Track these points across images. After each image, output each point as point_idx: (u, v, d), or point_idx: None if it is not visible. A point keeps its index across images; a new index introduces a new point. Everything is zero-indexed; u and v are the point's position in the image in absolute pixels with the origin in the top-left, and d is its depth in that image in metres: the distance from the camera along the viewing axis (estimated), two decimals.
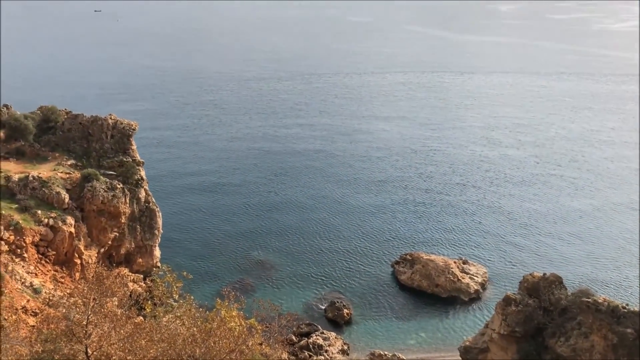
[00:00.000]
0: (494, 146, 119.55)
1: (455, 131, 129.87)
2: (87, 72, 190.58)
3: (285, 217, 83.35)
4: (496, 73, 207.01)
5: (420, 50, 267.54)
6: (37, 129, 57.34)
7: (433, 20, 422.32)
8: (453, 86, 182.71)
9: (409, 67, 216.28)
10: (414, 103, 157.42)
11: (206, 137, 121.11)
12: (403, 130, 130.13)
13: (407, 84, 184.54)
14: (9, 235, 43.05)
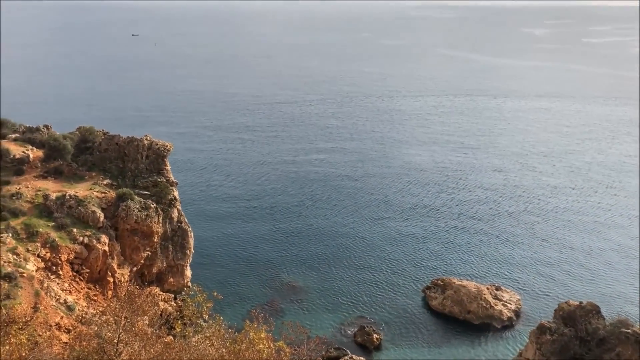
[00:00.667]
0: (528, 171, 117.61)
1: (488, 156, 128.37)
2: (125, 94, 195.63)
3: (314, 240, 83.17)
4: (530, 97, 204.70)
5: (453, 73, 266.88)
6: (75, 148, 58.83)
7: (467, 44, 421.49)
8: (486, 110, 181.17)
9: (441, 91, 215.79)
10: (447, 127, 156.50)
11: (238, 160, 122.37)
12: (435, 154, 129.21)
13: (440, 107, 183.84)
14: (45, 253, 43.99)
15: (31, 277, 39.29)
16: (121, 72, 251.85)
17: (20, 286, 37.22)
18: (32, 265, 41.40)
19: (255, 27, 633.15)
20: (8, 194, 49.46)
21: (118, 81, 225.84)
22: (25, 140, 60.60)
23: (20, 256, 41.71)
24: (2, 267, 38.58)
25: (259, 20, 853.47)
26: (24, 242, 44.04)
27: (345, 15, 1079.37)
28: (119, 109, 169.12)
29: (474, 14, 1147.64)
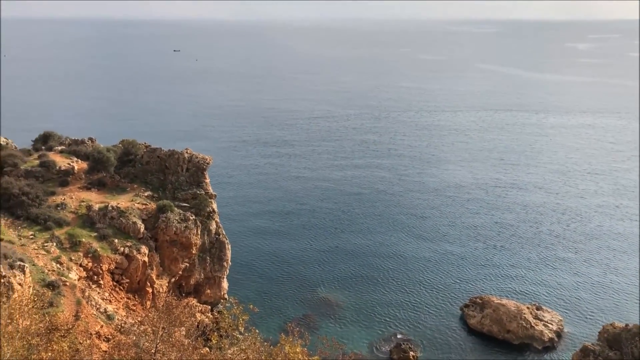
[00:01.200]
0: (570, 189, 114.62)
1: (529, 173, 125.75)
2: (166, 108, 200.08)
3: (351, 256, 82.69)
4: (573, 113, 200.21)
5: (493, 88, 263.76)
6: (118, 161, 60.23)
7: (508, 59, 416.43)
8: (527, 125, 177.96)
9: (481, 106, 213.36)
10: (486, 142, 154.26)
11: (275, 174, 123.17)
12: (474, 170, 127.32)
13: (480, 123, 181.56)
14: (87, 262, 45.01)
15: (73, 286, 40.20)
16: (163, 86, 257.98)
17: (62, 294, 38.10)
18: (74, 274, 42.38)
19: (294, 42, 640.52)
20: (53, 204, 50.92)
21: (160, 95, 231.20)
22: (70, 153, 62.38)
23: (63, 265, 42.78)
24: (47, 275, 39.61)
25: (299, 35, 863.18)
26: (68, 252, 45.17)
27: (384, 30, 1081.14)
28: (161, 123, 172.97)
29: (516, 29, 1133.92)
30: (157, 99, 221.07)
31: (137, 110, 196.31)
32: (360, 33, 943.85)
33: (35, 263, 40.51)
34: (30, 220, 47.80)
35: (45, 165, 57.05)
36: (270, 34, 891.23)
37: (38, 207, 49.24)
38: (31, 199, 49.59)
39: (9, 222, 47.09)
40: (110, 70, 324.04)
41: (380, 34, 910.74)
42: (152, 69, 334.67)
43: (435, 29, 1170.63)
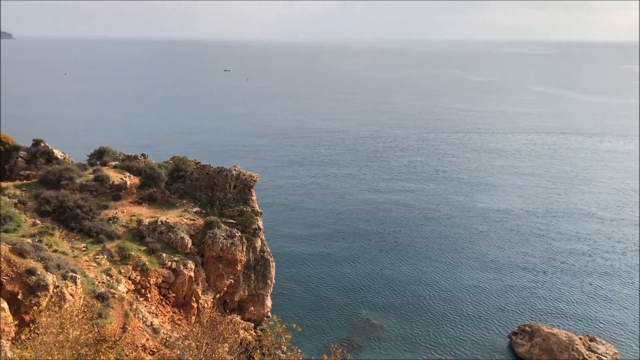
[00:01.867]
0: (626, 217, 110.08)
1: (582, 199, 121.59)
2: (216, 126, 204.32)
3: (395, 279, 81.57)
4: (630, 137, 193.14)
5: (546, 110, 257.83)
6: (169, 177, 61.65)
7: (562, 81, 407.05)
8: (581, 150, 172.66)
9: (533, 128, 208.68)
10: (537, 166, 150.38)
11: (320, 193, 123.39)
12: (524, 194, 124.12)
13: (531, 146, 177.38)
14: (136, 275, 45.99)
15: (122, 299, 41.08)
16: (214, 105, 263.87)
17: (111, 306, 38.98)
18: (123, 287, 43.35)
19: (344, 63, 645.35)
20: (106, 217, 52.45)
21: (211, 113, 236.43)
22: (123, 168, 64.27)
23: (113, 278, 43.85)
24: (97, 287, 40.66)
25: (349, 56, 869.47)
26: (117, 265, 46.31)
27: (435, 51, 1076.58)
28: (211, 140, 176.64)
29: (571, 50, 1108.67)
30: (208, 117, 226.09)
31: (187, 127, 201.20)
32: (410, 54, 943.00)
33: (87, 274, 41.67)
34: (83, 233, 49.34)
35: (100, 180, 58.96)
36: (320, 54, 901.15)
37: (91, 220, 50.83)
38: (85, 212, 51.24)
39: (63, 234, 48.75)
40: (163, 88, 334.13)
41: (431, 55, 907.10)
42: (204, 88, 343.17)
43: (488, 50, 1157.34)
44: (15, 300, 29.43)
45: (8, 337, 24.10)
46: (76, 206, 51.41)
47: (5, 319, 24.42)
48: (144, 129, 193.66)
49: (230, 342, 31.78)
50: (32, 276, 30.76)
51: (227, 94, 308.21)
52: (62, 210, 51.11)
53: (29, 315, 29.61)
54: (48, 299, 30.79)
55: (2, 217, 46.78)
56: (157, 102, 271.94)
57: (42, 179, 58.05)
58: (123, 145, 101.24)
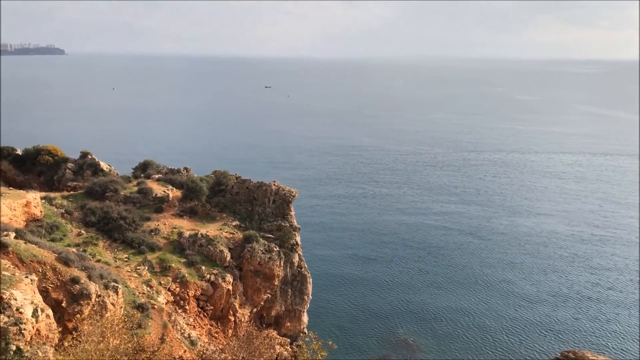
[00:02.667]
0: None
1: (631, 222, 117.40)
2: (257, 141, 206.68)
3: (433, 299, 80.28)
4: None
5: (593, 131, 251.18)
6: (210, 190, 62.47)
7: (611, 101, 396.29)
8: (630, 171, 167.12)
9: (579, 149, 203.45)
10: (583, 188, 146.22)
11: (359, 209, 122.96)
12: (569, 216, 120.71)
13: (576, 167, 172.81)
14: (175, 287, 46.55)
15: (161, 310, 41.62)
16: (255, 121, 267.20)
17: (150, 317, 39.50)
18: (162, 298, 43.93)
19: (387, 80, 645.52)
20: (148, 229, 53.44)
21: (252, 129, 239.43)
22: (166, 181, 65.50)
23: (153, 288, 44.51)
24: (137, 297, 41.33)
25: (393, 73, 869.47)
26: (158, 276, 47.01)
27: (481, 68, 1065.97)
28: (251, 155, 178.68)
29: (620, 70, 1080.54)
30: (249, 133, 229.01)
31: (229, 142, 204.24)
32: (453, 71, 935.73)
33: (128, 285, 42.42)
34: (126, 244, 50.36)
35: (143, 192, 60.24)
36: (361, 71, 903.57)
37: (134, 231, 51.86)
38: (128, 224, 52.34)
39: (106, 244, 49.88)
40: (206, 104, 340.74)
41: (474, 73, 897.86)
42: (246, 104, 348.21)
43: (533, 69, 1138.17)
44: (60, 307, 30.17)
45: (52, 343, 24.69)
46: (120, 217, 52.59)
47: (50, 326, 25.06)
48: (188, 143, 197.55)
49: (266, 357, 31.74)
50: (75, 285, 31.50)
51: (268, 111, 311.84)
52: (107, 221, 52.34)
53: (72, 322, 30.28)
54: (90, 308, 31.45)
55: (49, 226, 48.26)
56: (200, 117, 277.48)
57: (88, 190, 59.70)
58: (167, 159, 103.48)
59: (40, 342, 23.81)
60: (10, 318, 22.89)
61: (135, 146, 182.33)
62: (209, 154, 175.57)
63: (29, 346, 22.85)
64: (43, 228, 47.20)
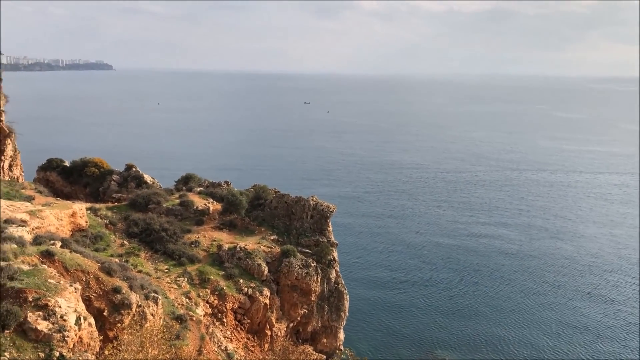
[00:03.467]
0: None
1: None
2: (296, 157, 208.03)
3: (472, 319, 78.57)
4: None
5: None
6: (249, 204, 63.01)
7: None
8: None
9: (626, 169, 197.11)
10: (630, 209, 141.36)
11: (397, 226, 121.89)
12: (615, 237, 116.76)
13: (623, 187, 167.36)
14: (213, 299, 46.91)
15: (199, 322, 41.97)
16: (294, 136, 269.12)
17: (189, 329, 39.87)
18: (201, 310, 44.32)
19: (427, 97, 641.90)
20: (188, 241, 54.18)
21: (291, 145, 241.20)
22: (207, 194, 66.39)
23: (192, 300, 44.98)
24: (176, 308, 41.83)
25: (432, 89, 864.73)
26: (197, 288, 47.50)
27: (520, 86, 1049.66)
28: (290, 170, 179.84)
29: None
30: (288, 148, 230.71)
31: (269, 157, 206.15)
32: (494, 88, 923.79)
33: (168, 296, 42.98)
34: (166, 255, 51.14)
35: (185, 205, 61.22)
36: (401, 88, 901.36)
37: (175, 243, 52.66)
38: (169, 235, 53.20)
39: (148, 255, 50.76)
40: (248, 119, 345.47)
41: (517, 90, 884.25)
42: (286, 120, 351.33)
43: (577, 86, 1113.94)
44: (101, 316, 30.77)
45: (93, 351, 25.19)
46: (161, 229, 53.51)
47: (92, 334, 25.58)
48: (228, 158, 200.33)
49: None
50: (117, 294, 32.08)
51: (308, 127, 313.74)
52: (149, 232, 53.33)
53: (112, 332, 30.84)
54: (130, 318, 31.96)
55: (94, 236, 49.48)
56: (240, 132, 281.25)
57: (132, 201, 61.03)
58: (208, 173, 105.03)
59: (82, 350, 24.32)
60: (54, 325, 23.47)
61: (178, 159, 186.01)
62: (249, 169, 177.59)
63: (72, 353, 23.37)
64: (87, 238, 48.41)
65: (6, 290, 23.78)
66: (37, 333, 22.81)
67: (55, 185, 75.11)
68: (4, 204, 45.50)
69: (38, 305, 23.82)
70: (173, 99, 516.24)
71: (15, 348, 21.48)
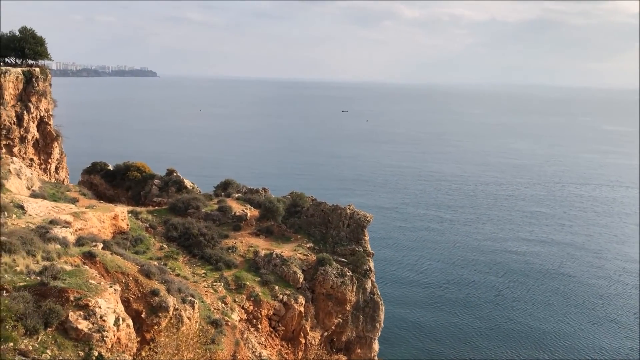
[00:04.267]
0: None
1: None
2: (332, 165, 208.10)
3: (511, 338, 76.69)
4: None
5: None
6: (286, 211, 63.23)
7: None
8: None
9: None
10: None
11: (434, 239, 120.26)
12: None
13: None
14: (248, 305, 47.13)
15: (234, 327, 42.21)
16: (332, 145, 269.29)
17: (224, 333, 40.14)
18: (236, 316, 44.58)
19: (465, 107, 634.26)
20: (225, 246, 54.70)
21: (329, 153, 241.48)
22: (245, 200, 66.97)
23: (227, 305, 45.30)
24: (212, 313, 42.18)
25: (471, 100, 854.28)
26: (232, 293, 47.83)
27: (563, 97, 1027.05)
28: (327, 178, 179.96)
29: None
30: (326, 156, 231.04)
31: (306, 165, 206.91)
32: (536, 99, 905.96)
33: (204, 300, 43.40)
34: (204, 260, 51.73)
35: (223, 210, 61.88)
36: (439, 97, 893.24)
37: (212, 248, 53.23)
38: (207, 240, 53.83)
39: (186, 259, 51.45)
40: (285, 127, 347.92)
41: (560, 101, 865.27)
42: (324, 128, 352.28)
43: (623, 98, 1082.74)
44: (139, 318, 31.25)
45: (130, 352, 25.57)
46: (200, 234, 54.20)
47: (129, 335, 25.98)
48: (266, 165, 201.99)
49: None
50: (155, 297, 32.55)
51: (346, 135, 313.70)
52: (187, 236, 54.10)
53: (149, 333, 31.27)
54: (167, 320, 32.36)
55: (134, 239, 50.47)
56: (280, 139, 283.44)
57: (172, 206, 62.06)
58: (246, 179, 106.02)
59: (120, 350, 24.71)
60: (94, 325, 23.94)
61: (217, 165, 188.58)
62: (286, 176, 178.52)
63: (110, 353, 23.76)
64: (128, 240, 49.39)
65: (49, 289, 24.39)
66: (77, 332, 23.29)
67: (98, 188, 77.03)
68: (50, 205, 46.89)
69: (79, 305, 24.34)
70: (214, 105, 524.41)
71: (56, 346, 21.99)
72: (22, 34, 76.31)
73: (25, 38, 76.02)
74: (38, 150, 78.31)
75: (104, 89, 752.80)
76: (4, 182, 49.94)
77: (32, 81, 74.37)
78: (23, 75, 73.41)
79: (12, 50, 76.29)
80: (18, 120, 72.42)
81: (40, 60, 79.74)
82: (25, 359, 19.68)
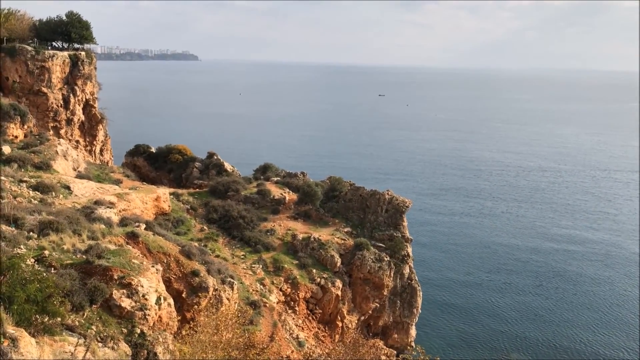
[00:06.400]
0: None
1: None
2: (371, 150, 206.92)
3: (550, 325, 75.24)
4: None
5: None
6: (324, 196, 63.47)
7: None
8: None
9: None
10: None
11: (473, 225, 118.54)
12: None
13: None
14: (286, 288, 47.69)
15: (272, 308, 42.77)
16: (371, 130, 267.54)
17: (262, 315, 40.75)
18: (274, 297, 45.19)
19: (511, 92, 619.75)
20: (264, 229, 55.35)
21: (367, 138, 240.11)
22: (284, 184, 67.51)
23: (265, 287, 45.93)
24: (250, 294, 42.81)
25: (517, 85, 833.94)
26: (271, 275, 48.47)
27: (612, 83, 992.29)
28: (365, 163, 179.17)
29: None
30: (364, 141, 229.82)
31: (344, 149, 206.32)
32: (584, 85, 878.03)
33: (243, 281, 44.10)
34: (243, 242, 52.54)
35: (262, 194, 62.55)
36: (485, 83, 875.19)
37: (251, 230, 53.97)
38: (246, 223, 54.57)
39: (225, 241, 52.32)
40: (325, 112, 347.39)
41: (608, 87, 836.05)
42: (365, 112, 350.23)
43: None
44: (180, 298, 32.00)
45: (171, 330, 26.22)
46: (239, 216, 54.99)
47: (170, 314, 26.63)
48: (305, 149, 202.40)
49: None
50: (195, 277, 33.25)
51: (386, 120, 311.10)
52: (227, 219, 54.97)
53: (190, 313, 32.00)
54: (207, 301, 33.04)
55: (175, 220, 51.49)
56: (319, 124, 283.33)
57: (212, 188, 63.09)
58: (285, 163, 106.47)
59: (161, 329, 25.36)
60: (137, 303, 24.62)
61: (256, 149, 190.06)
62: (324, 160, 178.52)
63: (152, 331, 24.41)
64: (170, 222, 50.44)
65: (94, 268, 25.16)
66: (121, 310, 24.01)
67: (141, 170, 78.79)
68: (95, 186, 48.19)
69: (122, 283, 25.05)
70: (254, 90, 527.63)
71: (101, 322, 22.71)
72: (68, 18, 78.12)
73: (72, 22, 77.82)
74: (84, 132, 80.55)
75: (147, 73, 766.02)
76: (52, 163, 51.59)
77: (78, 65, 76.29)
78: (69, 59, 75.33)
79: (59, 35, 78.28)
80: (65, 103, 74.54)
81: (85, 44, 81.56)
82: (73, 333, 20.39)
